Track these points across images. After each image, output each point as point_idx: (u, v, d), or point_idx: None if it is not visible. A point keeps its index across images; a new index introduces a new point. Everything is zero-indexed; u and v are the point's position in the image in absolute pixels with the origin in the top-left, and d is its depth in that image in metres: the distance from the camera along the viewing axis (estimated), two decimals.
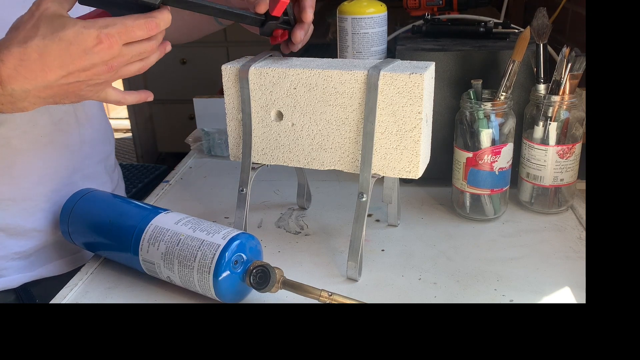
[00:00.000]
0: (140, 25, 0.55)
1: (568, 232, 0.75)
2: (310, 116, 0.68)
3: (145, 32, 0.56)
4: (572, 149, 0.76)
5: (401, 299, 0.63)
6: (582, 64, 0.73)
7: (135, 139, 3.01)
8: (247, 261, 0.61)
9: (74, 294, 0.66)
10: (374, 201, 0.68)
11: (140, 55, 0.58)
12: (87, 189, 0.74)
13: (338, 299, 0.58)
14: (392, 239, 0.75)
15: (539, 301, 0.62)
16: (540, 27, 0.74)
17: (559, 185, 0.78)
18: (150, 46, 0.58)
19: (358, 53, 0.85)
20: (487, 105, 0.73)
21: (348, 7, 0.83)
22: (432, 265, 0.69)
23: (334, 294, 0.58)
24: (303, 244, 0.75)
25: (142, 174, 1.85)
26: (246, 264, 0.61)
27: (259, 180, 0.80)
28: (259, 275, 0.59)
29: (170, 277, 0.63)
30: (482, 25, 0.87)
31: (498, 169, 0.75)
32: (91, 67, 0.55)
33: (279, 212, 0.83)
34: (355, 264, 0.66)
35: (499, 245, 0.73)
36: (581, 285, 0.64)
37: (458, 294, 0.63)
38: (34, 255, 0.79)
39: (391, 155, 0.66)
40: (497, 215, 0.78)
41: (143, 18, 0.55)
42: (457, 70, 0.81)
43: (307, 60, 0.70)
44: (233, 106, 0.71)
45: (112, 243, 0.68)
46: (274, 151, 0.71)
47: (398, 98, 0.63)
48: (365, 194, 0.65)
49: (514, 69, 0.73)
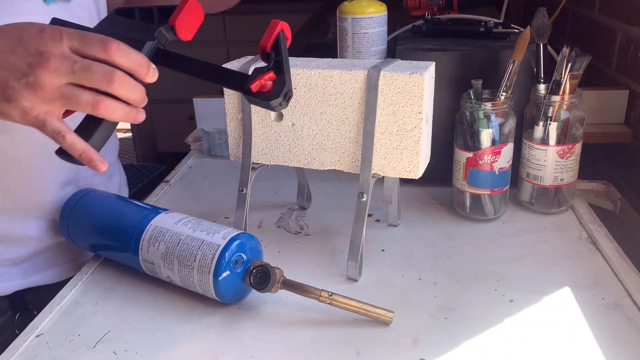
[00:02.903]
0: (98, 39, 0.49)
1: (568, 232, 0.75)
2: (310, 116, 0.68)
3: (101, 47, 0.49)
4: (572, 149, 0.76)
5: (401, 299, 0.63)
6: (582, 64, 0.73)
7: (135, 139, 3.01)
8: (247, 261, 0.61)
9: (74, 294, 0.66)
10: (374, 201, 0.68)
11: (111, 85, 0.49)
12: (87, 189, 0.74)
13: (338, 299, 0.58)
14: (392, 239, 0.75)
15: (539, 301, 0.62)
16: (540, 27, 0.74)
17: (559, 185, 0.77)
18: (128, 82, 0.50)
19: (358, 53, 0.85)
20: (487, 105, 0.73)
21: (348, 7, 0.83)
22: (432, 265, 0.69)
23: (334, 294, 0.58)
24: (303, 244, 0.75)
25: (142, 174, 1.85)
26: (246, 264, 0.61)
27: (259, 180, 0.80)
28: (259, 275, 0.59)
29: (170, 277, 0.63)
30: (482, 25, 0.87)
31: (498, 169, 0.75)
32: (24, 54, 0.48)
33: (279, 212, 0.83)
34: (355, 264, 0.66)
35: (499, 245, 0.73)
36: (581, 285, 0.64)
37: (458, 294, 0.63)
38: (27, 262, 0.77)
39: (391, 155, 0.66)
40: (497, 215, 0.78)
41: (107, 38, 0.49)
42: (457, 70, 0.81)
43: (307, 60, 0.70)
44: (233, 106, 0.71)
45: (112, 243, 0.68)
46: (274, 151, 0.71)
47: (398, 98, 0.63)
48: (365, 194, 0.65)
49: (514, 69, 0.73)
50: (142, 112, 0.53)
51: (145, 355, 0.56)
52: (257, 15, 3.01)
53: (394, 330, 0.58)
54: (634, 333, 0.57)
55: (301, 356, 0.55)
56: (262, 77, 0.54)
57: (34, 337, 0.59)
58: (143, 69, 0.51)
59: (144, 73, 0.51)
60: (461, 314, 0.60)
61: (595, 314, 0.59)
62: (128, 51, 0.50)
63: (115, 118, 0.51)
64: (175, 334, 0.59)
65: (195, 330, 0.59)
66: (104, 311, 0.63)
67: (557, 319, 0.59)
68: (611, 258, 0.68)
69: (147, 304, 0.64)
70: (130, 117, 0.51)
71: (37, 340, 0.59)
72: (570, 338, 0.56)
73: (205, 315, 0.61)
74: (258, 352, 0.56)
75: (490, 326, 0.58)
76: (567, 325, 0.58)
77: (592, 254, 0.70)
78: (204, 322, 0.60)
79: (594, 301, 0.61)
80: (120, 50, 0.49)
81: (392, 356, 0.55)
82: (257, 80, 0.53)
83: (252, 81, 0.53)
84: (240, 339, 0.58)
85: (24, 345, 0.58)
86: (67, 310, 0.63)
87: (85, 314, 0.63)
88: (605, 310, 0.60)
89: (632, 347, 0.55)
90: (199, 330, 0.59)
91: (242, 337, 0.58)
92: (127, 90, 0.50)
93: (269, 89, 0.54)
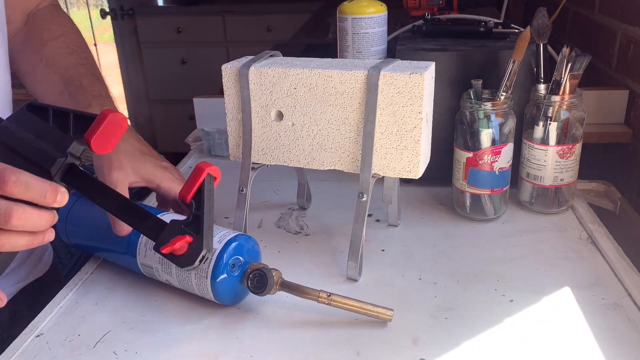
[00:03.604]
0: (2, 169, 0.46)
1: (568, 232, 0.75)
2: (310, 116, 0.68)
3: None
4: (572, 149, 0.76)
5: (401, 299, 0.63)
6: (582, 64, 0.73)
7: None
8: (244, 263, 0.61)
9: (74, 294, 0.66)
10: (374, 201, 0.68)
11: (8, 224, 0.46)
12: None
13: (336, 299, 0.58)
14: (392, 239, 0.75)
15: (539, 301, 0.62)
16: (540, 27, 0.74)
17: (559, 185, 0.77)
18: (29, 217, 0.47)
19: (358, 53, 0.85)
20: (487, 105, 0.73)
21: (348, 7, 0.83)
22: (432, 265, 0.69)
23: (332, 295, 0.58)
24: (303, 244, 0.75)
25: None
26: (244, 266, 0.60)
27: (259, 180, 0.80)
28: (256, 279, 0.59)
29: (169, 280, 0.63)
30: (482, 25, 0.87)
31: (498, 168, 0.75)
32: None
33: (279, 212, 0.83)
34: (355, 264, 0.66)
35: (499, 245, 0.73)
36: (581, 285, 0.64)
37: (458, 294, 0.63)
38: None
39: (391, 155, 0.66)
40: (497, 215, 0.78)
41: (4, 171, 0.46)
42: (457, 70, 0.81)
43: (307, 60, 0.70)
44: (233, 106, 0.71)
45: (110, 247, 0.68)
46: (274, 151, 0.71)
47: (398, 98, 0.63)
48: (365, 194, 0.65)
49: (514, 69, 0.73)
50: (49, 232, 0.50)
51: (145, 355, 0.56)
52: (257, 15, 3.02)
53: (394, 330, 0.58)
54: (634, 333, 0.57)
55: (301, 356, 0.55)
56: (175, 241, 0.49)
57: (34, 337, 0.59)
58: (49, 198, 0.48)
59: (50, 201, 0.48)
60: (461, 314, 0.60)
61: (595, 314, 0.59)
62: (29, 183, 0.47)
63: (16, 250, 0.48)
64: (176, 334, 0.59)
65: (196, 330, 0.59)
66: (104, 311, 0.63)
67: (557, 319, 0.59)
68: (611, 258, 0.68)
69: (147, 304, 0.64)
70: (34, 243, 0.49)
71: (37, 340, 0.59)
72: (570, 338, 0.56)
73: (205, 315, 0.61)
74: (258, 352, 0.56)
75: (490, 326, 0.58)
76: (567, 325, 0.58)
77: (592, 254, 0.70)
78: (204, 322, 0.60)
79: (594, 301, 0.61)
80: (18, 185, 0.46)
81: (392, 356, 0.55)
82: (169, 246, 0.49)
83: (163, 244, 0.49)
84: (240, 339, 0.58)
85: (24, 345, 0.58)
86: (67, 310, 0.63)
87: (85, 314, 0.63)
88: (605, 310, 0.60)
89: (632, 347, 0.55)
90: (199, 330, 0.59)
91: (242, 337, 0.58)
92: (30, 224, 0.47)
93: (184, 252, 0.49)
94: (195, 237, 0.50)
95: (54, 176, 0.49)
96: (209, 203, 0.51)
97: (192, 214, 0.51)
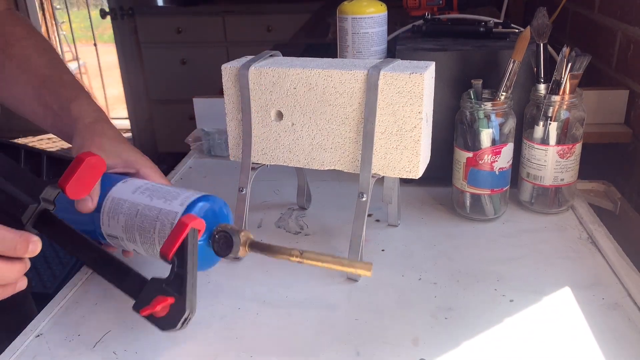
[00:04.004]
0: None
1: (568, 232, 0.75)
2: (310, 116, 0.68)
3: None
4: (573, 149, 0.76)
5: (401, 299, 0.63)
6: (582, 63, 0.73)
7: (135, 139, 3.01)
8: (210, 225, 0.56)
9: (73, 294, 0.66)
10: (374, 201, 0.68)
11: None
12: None
13: (310, 256, 0.55)
14: (392, 239, 0.75)
15: (539, 301, 0.62)
16: (540, 27, 0.74)
17: (559, 185, 0.77)
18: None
19: (358, 53, 0.85)
20: (487, 105, 0.73)
21: (348, 7, 0.83)
22: (432, 265, 0.69)
23: (305, 252, 0.55)
24: (303, 244, 0.75)
25: None
26: (210, 229, 0.56)
27: (259, 180, 0.80)
28: (221, 240, 0.55)
29: (136, 249, 0.59)
30: (482, 25, 0.87)
31: (498, 168, 0.75)
32: None
33: (279, 212, 0.83)
34: None
35: (499, 245, 0.73)
36: (581, 285, 0.64)
37: (458, 294, 0.63)
38: None
39: (391, 155, 0.66)
40: (497, 215, 0.78)
41: None
42: (457, 70, 0.81)
43: (307, 60, 0.70)
44: (233, 106, 0.71)
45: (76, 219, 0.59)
46: (274, 151, 0.71)
47: (398, 98, 0.63)
48: (365, 194, 0.65)
49: (514, 68, 0.73)
50: (21, 281, 0.48)
51: (145, 355, 0.56)
52: (257, 15, 3.02)
53: (394, 330, 0.58)
54: (634, 333, 0.57)
55: (301, 356, 0.55)
56: (156, 303, 0.46)
57: (33, 337, 0.59)
58: (20, 249, 0.46)
59: (21, 253, 0.47)
60: (461, 314, 0.60)
61: (595, 314, 0.59)
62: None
63: None
64: (175, 334, 0.59)
65: (196, 330, 0.59)
66: (104, 311, 0.63)
67: (557, 319, 0.59)
68: (611, 258, 0.68)
69: None
70: (5, 294, 0.48)
71: (37, 340, 0.59)
72: (570, 338, 0.56)
73: (205, 315, 0.61)
74: (258, 352, 0.56)
75: (490, 326, 0.58)
76: (567, 325, 0.58)
77: (592, 254, 0.70)
78: (204, 322, 0.60)
79: (594, 301, 0.61)
80: None
81: (392, 356, 0.55)
82: (149, 308, 0.46)
83: (144, 305, 0.46)
84: (240, 339, 0.58)
85: (24, 345, 0.58)
86: (67, 310, 0.63)
87: (85, 314, 0.63)
88: (605, 310, 0.60)
89: (632, 347, 0.55)
90: (199, 330, 0.59)
91: (242, 337, 0.58)
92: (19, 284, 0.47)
93: (166, 314, 0.47)
94: (177, 297, 0.47)
95: (25, 224, 0.47)
96: (192, 260, 0.48)
97: (173, 272, 0.48)
